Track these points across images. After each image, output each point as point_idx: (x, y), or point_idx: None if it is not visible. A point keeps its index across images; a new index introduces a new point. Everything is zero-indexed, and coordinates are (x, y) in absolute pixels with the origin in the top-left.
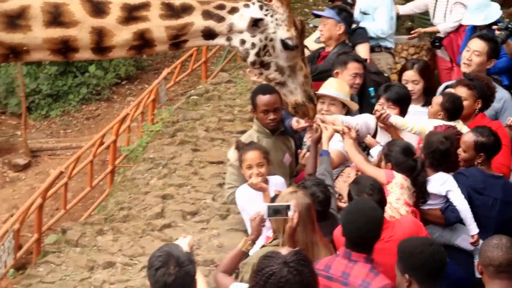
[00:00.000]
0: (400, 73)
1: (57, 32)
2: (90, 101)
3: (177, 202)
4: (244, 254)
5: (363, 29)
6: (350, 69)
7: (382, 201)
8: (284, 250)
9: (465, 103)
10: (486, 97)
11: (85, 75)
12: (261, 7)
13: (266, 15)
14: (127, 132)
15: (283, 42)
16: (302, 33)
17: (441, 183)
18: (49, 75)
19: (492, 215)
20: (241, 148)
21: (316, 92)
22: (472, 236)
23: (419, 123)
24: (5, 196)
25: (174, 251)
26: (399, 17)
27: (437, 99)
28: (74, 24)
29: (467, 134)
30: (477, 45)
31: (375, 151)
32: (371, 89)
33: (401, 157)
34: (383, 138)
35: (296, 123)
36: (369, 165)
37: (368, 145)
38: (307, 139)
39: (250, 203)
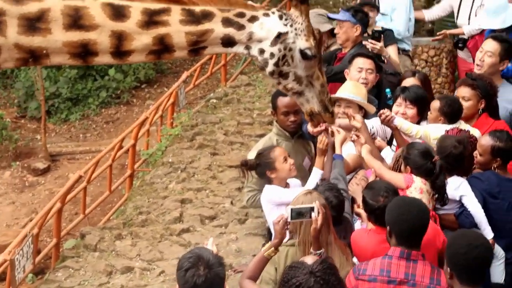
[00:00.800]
0: (399, 83)
1: (77, 36)
2: (110, 104)
3: (195, 207)
4: (267, 260)
5: (391, 30)
6: (354, 65)
7: None
8: (310, 259)
9: (468, 103)
10: (489, 96)
11: (104, 79)
12: (280, 17)
13: (285, 25)
14: (146, 136)
15: (302, 52)
16: (319, 43)
17: (455, 188)
18: (69, 79)
19: (508, 219)
20: (252, 162)
21: (332, 96)
22: None
23: (423, 127)
24: (24, 200)
25: (204, 253)
26: (419, 20)
27: (435, 104)
28: (94, 28)
29: (484, 138)
30: (490, 45)
31: (385, 154)
32: (388, 90)
33: (419, 160)
34: None
35: (312, 127)
36: (387, 170)
37: (378, 147)
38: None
39: (285, 195)
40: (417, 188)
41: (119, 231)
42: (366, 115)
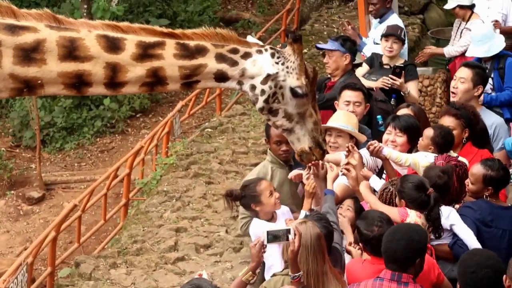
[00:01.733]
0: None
1: (71, 66)
2: (105, 134)
3: (190, 235)
4: (245, 285)
5: (413, 65)
6: (343, 97)
7: None
8: None
9: (453, 132)
10: (472, 125)
11: (99, 108)
12: (272, 55)
13: (277, 63)
14: (141, 165)
15: (292, 90)
16: (313, 80)
17: (445, 218)
18: (64, 108)
19: (502, 246)
20: (237, 193)
21: (323, 125)
22: None
23: (412, 155)
24: (19, 229)
25: (203, 284)
26: (413, 49)
27: (428, 132)
28: (89, 59)
29: (476, 167)
30: (462, 72)
31: (373, 182)
32: (379, 117)
33: (414, 193)
34: None
35: (292, 174)
36: (382, 205)
37: (364, 177)
38: (305, 176)
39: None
40: (412, 221)
41: (114, 260)
42: (357, 144)
